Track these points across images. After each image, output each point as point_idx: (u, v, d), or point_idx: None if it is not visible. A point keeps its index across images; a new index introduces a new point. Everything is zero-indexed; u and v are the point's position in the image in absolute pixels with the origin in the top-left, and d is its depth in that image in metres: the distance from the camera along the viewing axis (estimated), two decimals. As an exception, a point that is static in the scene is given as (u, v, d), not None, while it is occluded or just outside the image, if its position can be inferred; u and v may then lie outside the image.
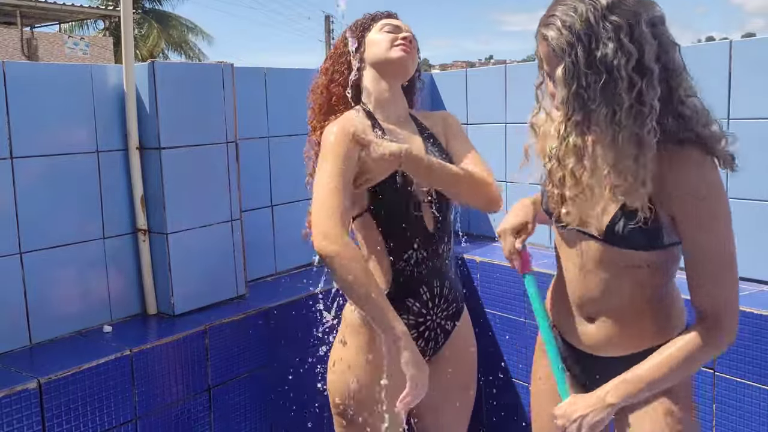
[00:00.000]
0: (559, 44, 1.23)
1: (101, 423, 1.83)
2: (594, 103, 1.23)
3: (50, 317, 1.95)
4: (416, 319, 1.74)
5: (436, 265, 1.76)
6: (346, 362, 1.76)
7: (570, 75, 1.23)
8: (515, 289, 2.59)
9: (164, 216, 2.11)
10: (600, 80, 1.21)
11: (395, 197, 1.71)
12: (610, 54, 1.19)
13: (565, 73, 1.24)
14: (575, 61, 1.22)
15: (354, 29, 1.82)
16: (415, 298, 1.74)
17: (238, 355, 2.18)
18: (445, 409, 1.85)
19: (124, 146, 2.11)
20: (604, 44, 1.19)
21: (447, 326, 1.81)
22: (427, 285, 1.74)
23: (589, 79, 1.21)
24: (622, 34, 1.19)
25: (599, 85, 1.21)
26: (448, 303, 1.79)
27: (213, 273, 2.27)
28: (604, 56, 1.19)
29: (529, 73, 2.90)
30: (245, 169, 2.35)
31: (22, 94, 1.86)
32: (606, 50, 1.19)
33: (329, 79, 1.83)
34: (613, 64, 1.19)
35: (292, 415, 2.38)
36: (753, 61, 2.20)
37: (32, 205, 1.90)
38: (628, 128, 1.22)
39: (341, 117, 1.75)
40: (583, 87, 1.22)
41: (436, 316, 1.77)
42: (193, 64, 3.16)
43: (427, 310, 1.75)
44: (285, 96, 2.61)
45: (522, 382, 2.64)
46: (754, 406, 1.99)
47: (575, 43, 1.21)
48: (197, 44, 25.96)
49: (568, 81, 1.24)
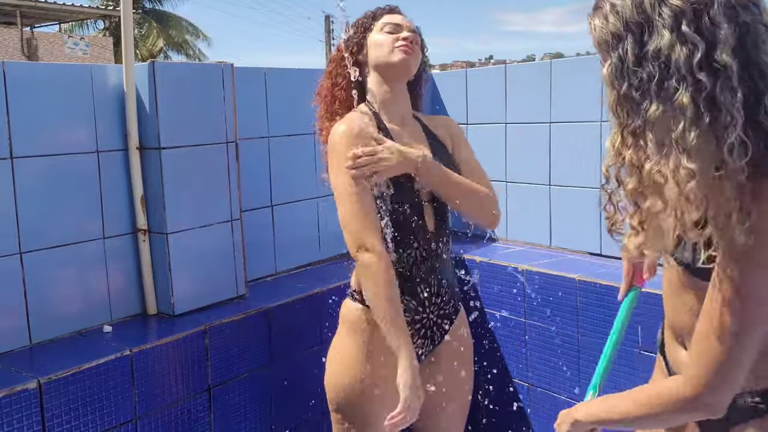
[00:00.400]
0: (604, 36, 1.03)
1: (101, 423, 1.83)
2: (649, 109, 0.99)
3: (50, 317, 1.95)
4: (413, 316, 1.76)
5: (434, 264, 1.78)
6: (343, 359, 1.78)
7: (617, 74, 1.02)
8: (515, 289, 2.59)
9: (164, 216, 2.11)
10: (653, 80, 0.97)
11: (398, 197, 1.73)
12: (665, 46, 0.96)
13: (611, 71, 1.03)
14: (623, 56, 1.00)
15: (355, 29, 1.82)
16: (413, 296, 1.76)
17: (238, 355, 2.18)
18: (442, 407, 1.86)
19: (124, 146, 2.11)
20: (658, 34, 0.96)
21: (444, 324, 1.83)
22: (425, 284, 1.76)
23: (641, 79, 0.99)
24: (685, 20, 0.95)
25: (653, 85, 0.97)
26: (445, 302, 1.81)
27: (213, 273, 2.27)
28: (657, 50, 0.96)
29: (529, 74, 2.92)
30: (245, 169, 2.35)
31: (22, 94, 1.86)
32: (660, 41, 0.96)
33: (332, 83, 1.86)
34: (670, 58, 0.96)
35: (292, 415, 2.38)
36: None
37: (32, 205, 1.90)
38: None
39: (346, 117, 1.76)
40: (634, 88, 1.00)
41: (433, 314, 1.80)
42: (193, 64, 3.16)
43: (424, 308, 1.77)
44: (285, 96, 2.61)
45: (522, 382, 2.64)
46: (754, 406, 1.99)
47: (623, 34, 1.00)
48: (197, 44, 25.98)
49: (616, 81, 1.03)
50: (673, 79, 0.96)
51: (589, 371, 2.41)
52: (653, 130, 0.99)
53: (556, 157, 2.80)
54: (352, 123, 1.71)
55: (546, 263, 2.62)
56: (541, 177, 2.83)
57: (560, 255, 2.75)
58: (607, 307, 2.32)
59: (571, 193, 2.76)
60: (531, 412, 2.62)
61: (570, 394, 2.48)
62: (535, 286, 2.55)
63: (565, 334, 2.46)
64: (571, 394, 2.47)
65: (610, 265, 2.55)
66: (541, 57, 43.31)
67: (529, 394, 2.62)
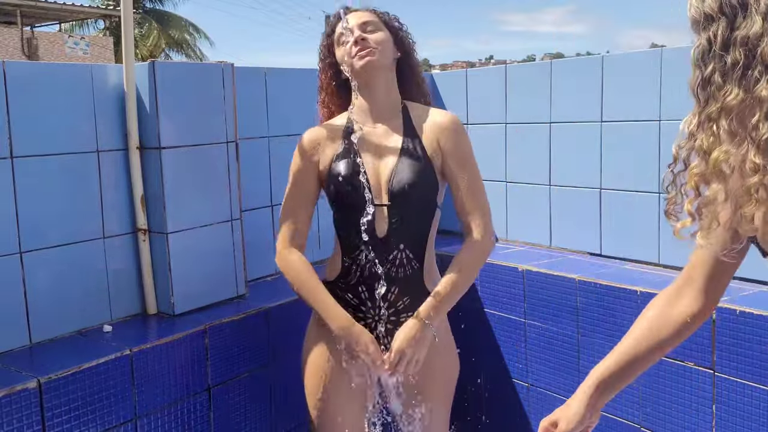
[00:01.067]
0: (697, 15, 0.99)
1: (101, 422, 1.83)
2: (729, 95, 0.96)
3: (50, 317, 1.95)
4: (354, 313, 1.82)
5: (384, 268, 1.78)
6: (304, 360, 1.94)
7: (703, 56, 0.99)
8: (515, 289, 2.60)
9: (164, 216, 2.11)
10: (737, 66, 0.94)
11: (343, 200, 1.80)
12: (755, 34, 0.93)
13: (698, 53, 1.00)
14: (712, 38, 0.97)
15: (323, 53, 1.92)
16: (354, 294, 1.83)
17: (238, 354, 2.18)
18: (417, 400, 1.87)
19: (125, 146, 2.11)
20: (752, 20, 0.93)
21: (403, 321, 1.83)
22: (366, 286, 1.80)
23: (725, 64, 0.96)
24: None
25: (736, 72, 0.95)
26: (396, 309, 1.81)
27: (213, 273, 2.27)
28: (746, 37, 0.93)
29: (529, 74, 2.92)
30: (245, 168, 2.35)
31: (22, 93, 1.86)
32: (751, 29, 0.93)
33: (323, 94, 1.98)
34: (757, 47, 0.93)
35: (292, 415, 2.38)
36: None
37: (32, 205, 1.90)
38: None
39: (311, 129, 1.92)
40: (718, 72, 0.97)
41: (380, 317, 1.81)
42: (193, 63, 3.16)
43: (366, 308, 1.82)
44: (285, 96, 2.61)
45: (521, 382, 2.64)
46: (754, 406, 1.99)
47: (716, 16, 0.96)
48: (198, 44, 25.97)
49: (701, 63, 0.99)
50: (757, 69, 0.93)
51: (588, 371, 2.41)
52: (729, 118, 0.97)
53: (556, 157, 2.80)
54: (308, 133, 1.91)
55: (546, 263, 2.62)
56: (541, 177, 2.83)
57: (560, 255, 2.75)
58: (607, 308, 2.32)
59: (571, 193, 2.76)
60: (531, 412, 2.62)
61: (570, 394, 2.47)
62: (534, 287, 2.55)
63: (565, 334, 2.46)
64: (571, 394, 2.47)
65: (610, 266, 2.55)
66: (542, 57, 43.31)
67: (529, 394, 2.62)
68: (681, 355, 2.14)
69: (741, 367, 2.00)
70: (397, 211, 1.77)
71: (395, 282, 1.79)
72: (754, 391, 1.98)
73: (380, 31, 1.82)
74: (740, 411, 2.02)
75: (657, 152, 2.45)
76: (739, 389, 2.01)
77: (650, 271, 2.47)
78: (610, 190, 2.63)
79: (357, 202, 1.76)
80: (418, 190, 1.77)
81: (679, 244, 2.61)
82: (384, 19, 1.86)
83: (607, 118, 2.60)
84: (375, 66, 1.78)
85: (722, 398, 2.06)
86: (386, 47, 1.81)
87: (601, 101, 2.59)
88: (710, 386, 2.08)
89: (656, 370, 2.21)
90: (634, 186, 2.55)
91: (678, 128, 1.07)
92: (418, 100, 1.93)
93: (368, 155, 1.80)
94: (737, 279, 2.28)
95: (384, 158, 1.81)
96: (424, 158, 1.80)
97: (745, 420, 2.01)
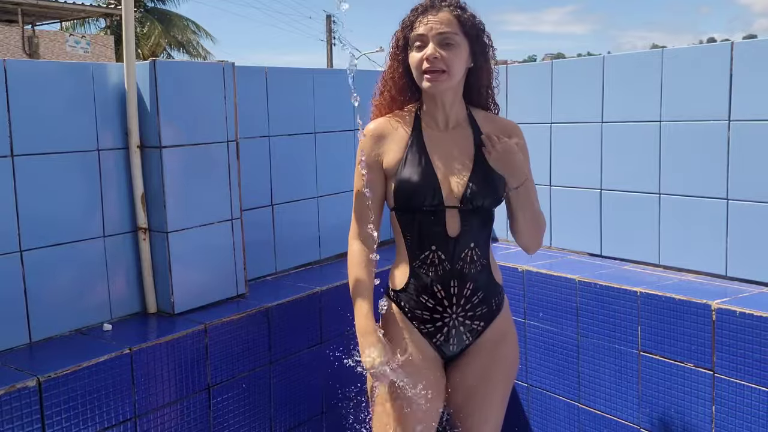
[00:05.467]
0: None
1: (101, 421, 1.83)
2: None
3: (50, 315, 1.95)
4: (431, 314, 1.82)
5: (456, 267, 1.80)
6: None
7: None
8: (515, 289, 2.59)
9: (164, 215, 2.11)
10: None
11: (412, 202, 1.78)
12: None
13: None
14: None
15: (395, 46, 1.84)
16: (430, 295, 1.81)
17: (237, 354, 2.18)
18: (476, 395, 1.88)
19: (125, 145, 2.11)
20: None
21: (475, 326, 1.85)
22: (442, 285, 1.80)
23: None
24: None
25: None
26: (472, 305, 1.83)
27: (213, 272, 2.27)
28: None
29: (529, 74, 2.91)
30: (246, 168, 2.35)
31: (23, 91, 1.86)
32: None
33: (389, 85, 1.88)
34: None
35: (291, 414, 2.38)
36: (755, 62, 2.20)
37: (33, 203, 1.90)
38: None
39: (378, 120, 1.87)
40: None
41: (457, 315, 1.83)
42: (194, 63, 3.16)
43: (443, 308, 1.81)
44: (286, 95, 2.61)
45: (521, 383, 2.64)
46: (753, 407, 1.99)
47: None
48: (199, 43, 25.96)
49: None
50: None
51: (588, 372, 2.42)
52: None
53: (557, 158, 2.80)
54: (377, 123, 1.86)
55: (546, 264, 2.62)
56: (542, 177, 2.83)
57: (560, 255, 2.75)
58: (607, 308, 2.32)
59: (571, 194, 2.76)
60: (530, 413, 2.62)
61: (569, 394, 2.48)
62: (534, 287, 2.55)
63: (565, 334, 2.46)
64: (571, 395, 2.47)
65: (610, 266, 2.55)
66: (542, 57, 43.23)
67: (529, 395, 2.62)
68: (681, 356, 2.14)
69: (741, 368, 2.01)
70: (469, 213, 1.79)
71: (470, 278, 1.81)
72: (753, 392, 1.98)
73: (455, 45, 1.74)
74: (740, 412, 2.02)
75: (657, 153, 2.45)
76: (739, 390, 2.01)
77: (650, 271, 2.47)
78: (611, 191, 2.63)
79: (427, 204, 1.76)
80: (493, 196, 1.80)
81: (679, 244, 2.63)
82: (465, 25, 1.76)
83: (607, 118, 2.60)
84: (438, 91, 1.77)
85: (722, 399, 2.06)
86: (458, 66, 1.76)
87: (602, 102, 2.59)
88: (710, 387, 2.08)
89: (656, 371, 2.21)
90: (634, 187, 2.55)
91: (679, 129, 1.08)
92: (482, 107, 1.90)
93: (438, 160, 1.79)
94: (737, 280, 2.29)
95: (455, 164, 1.79)
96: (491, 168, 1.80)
97: (744, 421, 2.01)
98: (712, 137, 2.31)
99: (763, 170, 2.20)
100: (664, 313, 2.17)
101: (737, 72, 2.23)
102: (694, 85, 2.34)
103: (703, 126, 2.33)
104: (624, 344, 2.29)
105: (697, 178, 2.36)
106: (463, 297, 1.81)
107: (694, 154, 2.36)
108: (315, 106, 2.73)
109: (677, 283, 2.30)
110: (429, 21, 1.73)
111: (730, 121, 2.26)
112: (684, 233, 2.41)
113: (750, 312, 1.98)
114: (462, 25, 1.74)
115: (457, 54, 1.73)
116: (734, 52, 2.24)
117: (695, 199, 2.38)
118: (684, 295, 2.14)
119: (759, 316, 1.96)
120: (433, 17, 1.74)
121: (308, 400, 2.43)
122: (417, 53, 1.75)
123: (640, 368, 2.25)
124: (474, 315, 1.83)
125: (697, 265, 2.40)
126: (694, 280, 2.33)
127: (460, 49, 1.74)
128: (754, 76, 2.20)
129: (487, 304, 1.84)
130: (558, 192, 2.81)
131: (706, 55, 2.33)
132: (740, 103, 2.24)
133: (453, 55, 1.72)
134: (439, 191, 1.76)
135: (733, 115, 2.26)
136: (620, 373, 2.31)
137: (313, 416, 2.46)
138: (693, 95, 2.35)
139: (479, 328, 1.85)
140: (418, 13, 1.77)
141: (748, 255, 2.27)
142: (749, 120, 2.22)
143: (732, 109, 2.26)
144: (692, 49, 2.39)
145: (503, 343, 1.88)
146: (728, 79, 2.25)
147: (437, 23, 1.73)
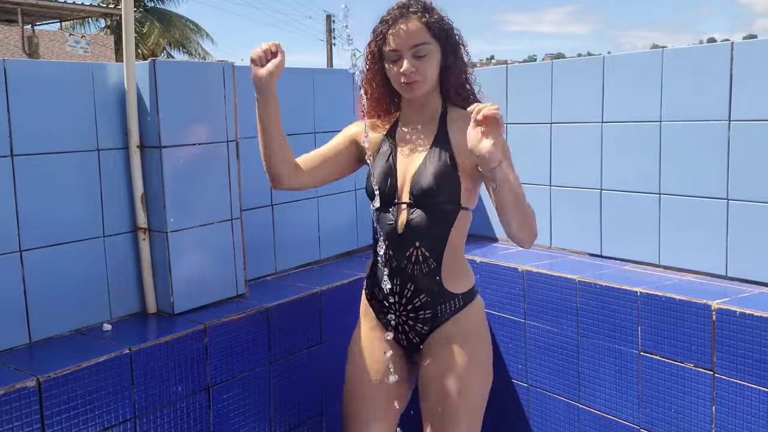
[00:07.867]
0: None
1: (100, 421, 1.83)
2: None
3: (50, 315, 1.95)
4: (381, 307, 1.93)
5: (401, 266, 1.85)
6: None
7: None
8: (515, 290, 2.60)
9: (164, 214, 2.11)
10: None
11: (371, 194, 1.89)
12: None
13: None
14: None
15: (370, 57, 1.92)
16: (379, 289, 1.91)
17: (237, 354, 2.18)
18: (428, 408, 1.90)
19: (125, 145, 2.11)
20: None
21: (420, 329, 1.89)
22: (390, 281, 1.87)
23: None
24: None
25: None
26: (414, 306, 1.86)
27: (213, 272, 2.27)
28: None
29: (530, 74, 2.91)
30: (246, 167, 2.35)
31: (22, 91, 1.86)
32: None
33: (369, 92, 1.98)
34: None
35: (291, 414, 2.38)
36: (755, 62, 2.20)
37: (32, 203, 1.90)
38: None
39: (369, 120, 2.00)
40: None
41: (401, 314, 1.89)
42: (194, 62, 3.16)
43: (389, 304, 1.90)
44: (286, 95, 2.60)
45: (521, 383, 2.64)
46: (753, 408, 1.99)
47: None
48: (200, 43, 25.97)
49: None
50: None
51: (588, 372, 2.41)
52: None
53: (557, 158, 2.80)
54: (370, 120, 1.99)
55: (546, 264, 2.62)
56: (542, 177, 2.83)
57: (560, 256, 2.75)
58: (607, 308, 2.32)
59: (571, 194, 2.76)
60: (530, 413, 2.62)
61: (569, 394, 2.48)
62: (534, 287, 2.55)
63: (565, 335, 2.46)
64: (571, 395, 2.47)
65: (610, 266, 2.55)
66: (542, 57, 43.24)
67: (529, 395, 2.62)
68: (681, 356, 2.14)
69: (741, 369, 2.00)
70: (415, 210, 1.83)
71: (411, 279, 1.85)
72: (753, 393, 1.98)
73: (429, 54, 1.81)
74: (740, 412, 2.02)
75: (658, 153, 2.45)
76: (739, 391, 2.01)
77: (650, 271, 2.47)
78: (611, 191, 2.63)
79: (384, 199, 1.87)
80: (437, 190, 1.81)
81: (680, 244, 2.63)
82: (434, 30, 1.81)
83: (607, 118, 2.60)
84: (417, 95, 1.87)
85: (722, 399, 2.06)
86: (432, 71, 1.84)
87: (602, 102, 2.59)
88: (710, 387, 2.08)
89: (656, 371, 2.21)
90: (635, 187, 2.55)
91: (679, 129, 1.08)
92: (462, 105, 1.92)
93: (401, 156, 1.90)
94: (737, 280, 2.29)
95: (413, 159, 1.88)
96: (448, 160, 1.83)
97: (744, 421, 2.01)
98: (712, 137, 2.31)
99: (763, 170, 2.20)
100: (665, 314, 2.17)
101: (737, 72, 2.23)
102: (694, 85, 2.34)
103: (703, 126, 2.32)
104: (624, 344, 2.29)
105: (698, 178, 2.36)
106: (405, 297, 1.86)
107: (695, 154, 2.36)
108: (315, 106, 2.73)
109: (677, 283, 2.30)
110: (400, 33, 1.79)
111: (731, 121, 2.26)
112: (684, 233, 2.41)
113: (750, 312, 1.98)
114: (431, 30, 1.81)
115: (431, 61, 1.82)
116: (734, 52, 2.24)
117: (695, 199, 2.38)
118: (684, 296, 2.14)
119: (759, 317, 1.96)
120: (404, 30, 1.79)
121: (308, 400, 2.43)
122: (393, 66, 1.83)
123: (640, 368, 2.25)
124: (417, 317, 1.87)
125: (697, 265, 2.40)
126: (694, 281, 2.33)
127: (432, 56, 1.82)
128: (754, 76, 2.20)
129: (432, 309, 1.86)
130: (558, 192, 2.81)
131: (706, 55, 2.33)
132: (740, 104, 2.23)
133: (426, 63, 1.81)
134: (393, 187, 1.85)
135: (733, 116, 2.25)
136: (620, 373, 2.31)
137: (313, 416, 2.46)
138: (693, 95, 2.35)
139: (423, 331, 1.88)
140: (389, 25, 1.81)
141: (748, 255, 2.27)
142: (749, 120, 2.22)
143: (732, 109, 2.25)
144: (692, 49, 2.39)
145: (449, 350, 1.86)
146: (728, 79, 2.25)
147: (408, 36, 1.79)
